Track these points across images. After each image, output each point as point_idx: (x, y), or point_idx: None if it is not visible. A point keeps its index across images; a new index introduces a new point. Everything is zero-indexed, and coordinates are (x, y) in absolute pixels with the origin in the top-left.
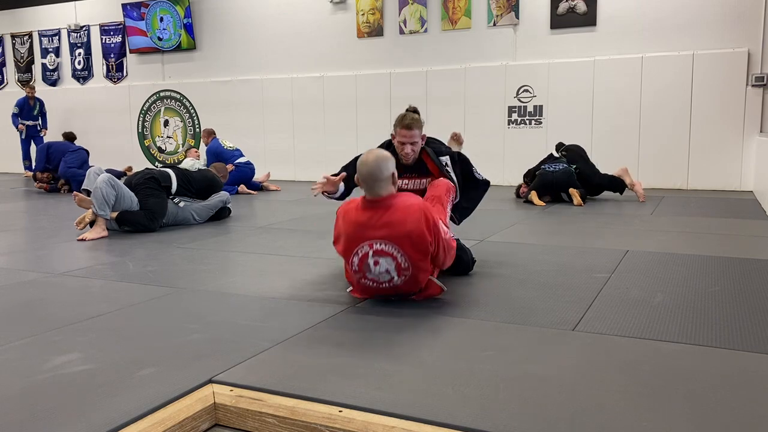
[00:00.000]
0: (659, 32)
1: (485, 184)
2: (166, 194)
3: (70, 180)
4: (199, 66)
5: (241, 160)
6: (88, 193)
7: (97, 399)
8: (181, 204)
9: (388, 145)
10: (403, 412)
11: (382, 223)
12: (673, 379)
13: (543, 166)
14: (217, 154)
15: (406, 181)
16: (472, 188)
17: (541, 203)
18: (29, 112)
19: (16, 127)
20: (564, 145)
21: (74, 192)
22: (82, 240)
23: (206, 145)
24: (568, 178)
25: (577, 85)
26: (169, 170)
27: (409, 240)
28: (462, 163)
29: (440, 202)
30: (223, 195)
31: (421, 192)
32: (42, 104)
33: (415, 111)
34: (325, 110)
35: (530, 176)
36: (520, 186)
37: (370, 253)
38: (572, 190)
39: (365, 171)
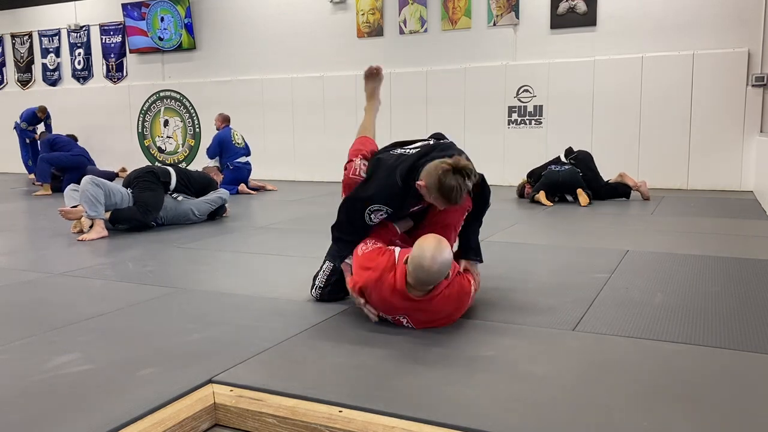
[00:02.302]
0: (659, 32)
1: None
2: (163, 189)
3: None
4: (199, 66)
5: (240, 159)
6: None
7: (97, 399)
8: (180, 198)
9: (410, 175)
10: (403, 412)
11: (422, 309)
12: (673, 379)
13: (550, 167)
14: (222, 145)
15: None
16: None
17: (549, 203)
18: (36, 123)
19: (30, 139)
20: (573, 152)
21: (59, 208)
22: (82, 241)
23: (217, 130)
24: (573, 179)
25: (577, 85)
26: (168, 167)
27: (444, 321)
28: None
29: (455, 230)
30: (222, 192)
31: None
32: (48, 117)
33: (463, 172)
34: (325, 110)
35: (535, 176)
36: (523, 185)
37: (402, 320)
38: (579, 190)
39: (424, 278)
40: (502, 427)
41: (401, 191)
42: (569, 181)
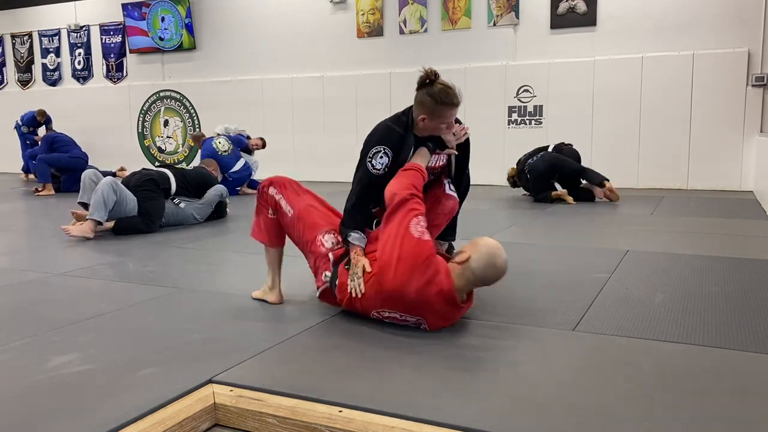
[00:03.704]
0: (659, 32)
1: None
2: (164, 195)
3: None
4: (199, 66)
5: (236, 168)
6: (84, 206)
7: (97, 399)
8: (182, 204)
9: (400, 118)
10: (403, 412)
11: (454, 316)
12: (673, 379)
13: (528, 162)
14: (213, 158)
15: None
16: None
17: (571, 200)
18: (36, 126)
19: (32, 141)
20: (563, 147)
21: (72, 210)
22: (65, 231)
23: (200, 149)
24: (553, 163)
25: (577, 85)
26: (167, 171)
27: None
28: (464, 154)
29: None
30: (219, 189)
31: (436, 173)
32: (48, 121)
33: (435, 74)
34: (325, 110)
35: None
36: (513, 175)
37: (410, 321)
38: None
39: (492, 278)
40: (502, 427)
41: (393, 132)
42: (550, 167)
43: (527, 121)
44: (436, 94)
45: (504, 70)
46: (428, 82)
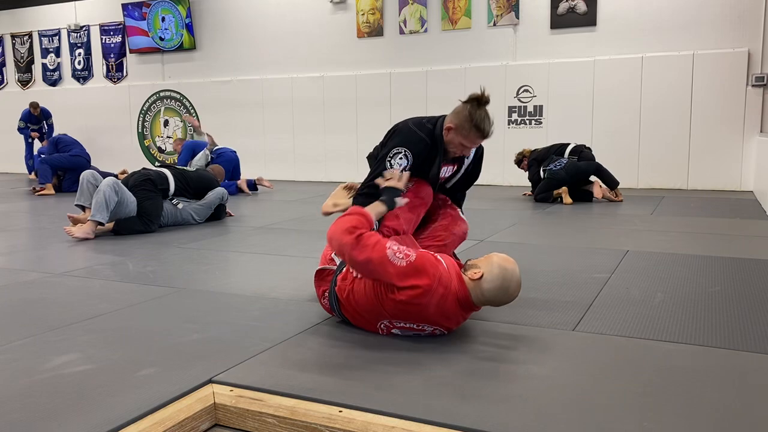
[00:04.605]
0: (659, 32)
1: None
2: (162, 195)
3: (39, 171)
4: (199, 66)
5: (222, 145)
6: (82, 208)
7: (97, 399)
8: (180, 205)
9: (424, 124)
10: (403, 412)
11: (466, 318)
12: (673, 379)
13: (550, 166)
14: (194, 149)
15: (444, 168)
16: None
17: (569, 200)
18: (35, 122)
19: (28, 138)
20: (584, 150)
21: (69, 214)
22: (68, 233)
23: (179, 151)
24: (575, 172)
25: (577, 85)
26: (166, 171)
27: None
28: (477, 163)
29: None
30: (219, 191)
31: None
32: (48, 116)
33: (485, 101)
34: (325, 110)
35: (536, 163)
36: (525, 156)
37: (426, 330)
38: (565, 189)
39: (504, 300)
40: (502, 427)
41: (415, 136)
42: (571, 175)
43: (527, 121)
44: (476, 115)
45: (504, 70)
46: (477, 100)
